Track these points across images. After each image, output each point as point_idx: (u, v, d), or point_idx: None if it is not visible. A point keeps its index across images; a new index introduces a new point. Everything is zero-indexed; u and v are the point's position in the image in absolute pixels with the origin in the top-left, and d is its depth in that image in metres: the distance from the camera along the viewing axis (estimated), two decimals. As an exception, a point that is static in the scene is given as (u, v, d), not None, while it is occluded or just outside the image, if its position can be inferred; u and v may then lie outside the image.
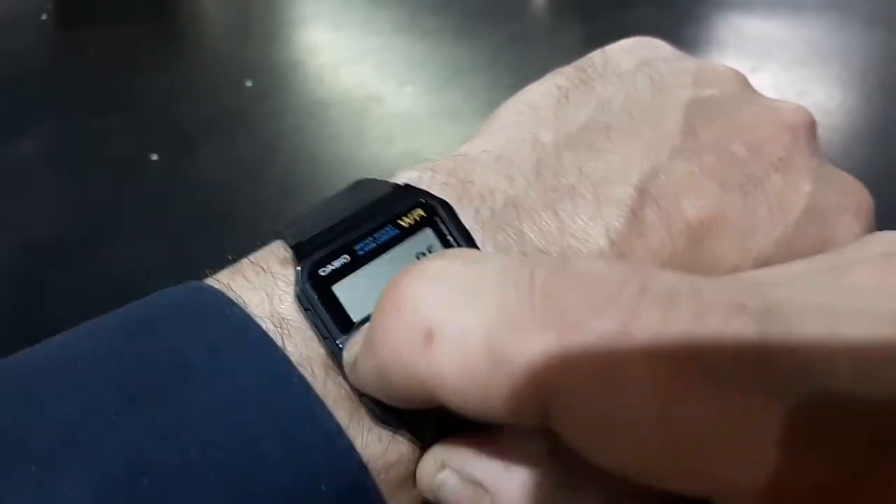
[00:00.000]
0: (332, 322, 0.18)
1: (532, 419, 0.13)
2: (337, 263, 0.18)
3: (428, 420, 0.18)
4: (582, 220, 0.20)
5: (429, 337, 0.14)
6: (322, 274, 0.18)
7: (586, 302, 0.13)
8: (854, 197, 0.23)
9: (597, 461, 0.13)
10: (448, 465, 0.17)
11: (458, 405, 0.14)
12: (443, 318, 0.14)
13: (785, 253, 0.21)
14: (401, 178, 0.21)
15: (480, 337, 0.13)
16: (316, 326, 0.18)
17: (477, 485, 0.16)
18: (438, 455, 0.17)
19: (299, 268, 0.18)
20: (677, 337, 0.12)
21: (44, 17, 1.14)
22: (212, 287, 0.19)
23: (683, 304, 0.13)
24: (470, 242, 0.19)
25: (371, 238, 0.19)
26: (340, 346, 0.18)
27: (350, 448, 0.17)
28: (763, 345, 0.12)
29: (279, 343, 0.18)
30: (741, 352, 0.12)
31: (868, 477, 0.11)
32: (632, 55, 0.25)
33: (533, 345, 0.13)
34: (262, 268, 0.19)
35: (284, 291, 0.19)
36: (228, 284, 0.19)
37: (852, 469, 0.11)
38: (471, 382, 0.13)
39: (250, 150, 0.88)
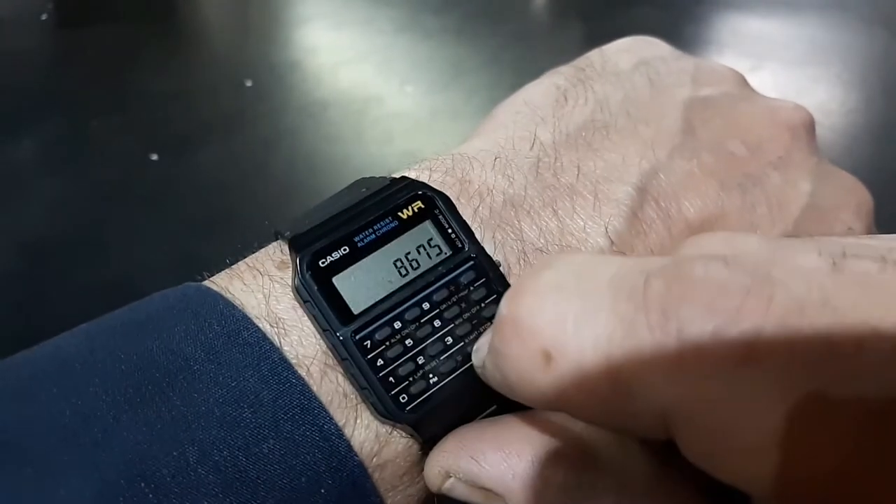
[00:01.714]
0: (333, 314, 0.18)
1: (655, 435, 0.13)
2: (336, 255, 0.18)
3: (430, 419, 0.18)
4: (581, 219, 0.20)
5: (547, 358, 0.14)
6: (322, 265, 0.18)
7: (708, 321, 0.12)
8: (854, 196, 0.23)
9: (714, 474, 0.13)
10: (452, 475, 0.17)
11: (585, 420, 0.14)
12: (559, 340, 0.13)
13: None
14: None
15: (597, 360, 0.13)
16: (315, 318, 0.18)
17: (486, 490, 0.16)
18: (441, 463, 0.17)
19: (298, 259, 0.18)
20: (809, 358, 0.11)
21: (44, 17, 1.14)
22: (209, 289, 0.19)
23: (811, 315, 0.12)
24: (469, 234, 0.19)
25: (370, 230, 0.19)
26: (341, 338, 0.17)
27: (348, 448, 0.17)
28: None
29: (276, 343, 0.18)
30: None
31: (877, 470, 0.11)
32: (630, 54, 0.25)
33: (651, 368, 0.12)
34: (259, 270, 0.19)
35: (281, 292, 0.19)
36: (226, 287, 0.19)
37: (862, 462, 0.11)
38: (593, 403, 0.13)
39: (250, 150, 0.88)
